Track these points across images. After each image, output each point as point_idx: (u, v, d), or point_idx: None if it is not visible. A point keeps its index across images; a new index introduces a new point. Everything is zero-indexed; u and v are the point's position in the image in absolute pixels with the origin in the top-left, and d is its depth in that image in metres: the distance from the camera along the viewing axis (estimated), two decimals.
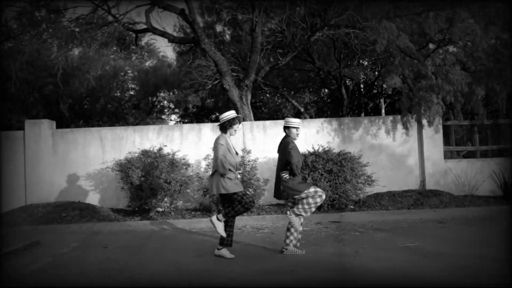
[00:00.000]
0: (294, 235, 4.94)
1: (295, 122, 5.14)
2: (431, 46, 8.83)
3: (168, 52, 38.35)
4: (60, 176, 8.65)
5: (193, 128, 9.06)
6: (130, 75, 16.25)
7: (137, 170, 7.67)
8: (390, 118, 9.16)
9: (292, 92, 15.15)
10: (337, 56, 11.64)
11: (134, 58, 16.51)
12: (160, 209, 8.10)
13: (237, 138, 8.58)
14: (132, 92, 16.71)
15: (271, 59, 11.22)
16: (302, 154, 6.94)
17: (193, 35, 9.62)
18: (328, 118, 9.29)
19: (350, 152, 8.01)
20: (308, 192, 4.86)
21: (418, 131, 9.01)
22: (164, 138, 8.81)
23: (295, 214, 4.91)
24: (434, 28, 7.97)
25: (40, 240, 6.09)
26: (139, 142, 8.75)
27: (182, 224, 7.26)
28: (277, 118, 15.64)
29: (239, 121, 4.98)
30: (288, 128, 5.12)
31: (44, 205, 8.13)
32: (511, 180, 8.54)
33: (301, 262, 4.57)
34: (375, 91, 15.04)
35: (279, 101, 16.61)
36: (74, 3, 9.15)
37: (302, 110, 13.95)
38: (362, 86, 15.18)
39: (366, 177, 7.95)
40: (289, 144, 4.97)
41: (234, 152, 4.95)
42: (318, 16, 9.36)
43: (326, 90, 16.19)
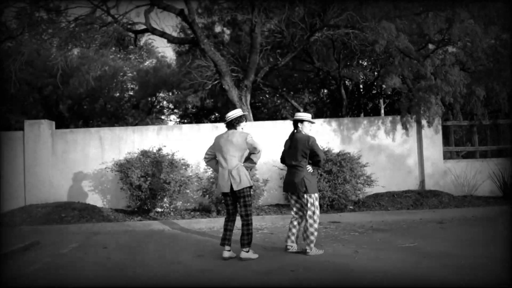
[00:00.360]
0: (314, 234, 4.89)
1: (309, 116, 5.04)
2: (430, 46, 8.83)
3: (168, 53, 38.37)
4: (60, 176, 8.65)
5: (192, 128, 9.06)
6: (129, 76, 16.26)
7: (136, 170, 7.66)
8: (390, 118, 9.16)
9: (292, 93, 15.15)
10: (336, 57, 11.64)
11: (133, 58, 16.50)
12: (159, 209, 8.09)
13: None
14: (131, 93, 16.72)
15: (271, 59, 11.23)
16: None
17: (192, 35, 9.63)
18: (327, 119, 9.29)
19: (349, 153, 8.02)
20: (313, 203, 4.85)
21: (417, 132, 9.01)
22: (164, 138, 8.81)
23: (308, 214, 4.85)
24: (433, 29, 7.98)
25: (39, 241, 6.08)
26: (138, 142, 8.74)
27: (182, 224, 7.26)
28: (276, 118, 15.65)
29: (245, 119, 5.02)
30: (301, 121, 4.98)
31: (43, 205, 8.12)
32: (510, 180, 8.55)
33: (301, 262, 4.57)
34: (374, 92, 15.05)
35: (278, 101, 16.62)
36: (73, 4, 9.15)
37: (302, 110, 13.96)
38: (361, 86, 15.18)
39: (365, 177, 7.95)
40: (310, 138, 4.86)
41: None
42: (318, 17, 9.36)
43: (325, 91, 16.21)
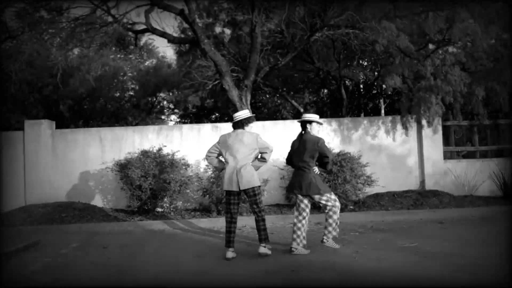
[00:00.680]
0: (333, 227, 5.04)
1: (317, 117, 5.08)
2: (430, 46, 8.82)
3: (168, 53, 38.39)
4: (60, 176, 8.65)
5: (192, 128, 9.06)
6: (129, 75, 16.24)
7: (136, 170, 7.66)
8: (390, 118, 9.16)
9: (292, 93, 15.13)
10: (336, 57, 11.62)
11: (134, 58, 16.49)
12: (159, 209, 8.10)
13: None
14: (131, 92, 16.70)
15: (271, 59, 11.19)
16: None
17: (192, 35, 9.61)
18: (327, 119, 9.30)
19: (349, 153, 8.02)
20: (330, 197, 4.96)
21: (417, 132, 9.01)
22: (164, 138, 8.81)
23: (330, 210, 4.97)
24: (433, 29, 7.96)
25: (39, 241, 6.09)
26: (138, 142, 8.74)
27: (182, 224, 7.26)
28: (276, 118, 15.65)
29: (254, 120, 5.10)
30: (310, 122, 5.03)
31: (43, 205, 8.13)
32: (510, 180, 8.54)
33: (301, 262, 4.57)
34: (374, 92, 15.02)
35: (278, 101, 16.59)
36: (73, 3, 9.13)
37: (302, 110, 13.95)
38: (361, 86, 15.16)
39: (365, 177, 7.95)
40: (319, 140, 4.93)
41: None
42: (318, 16, 9.34)
43: (325, 91, 16.18)
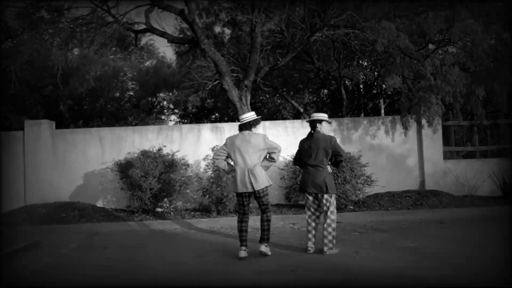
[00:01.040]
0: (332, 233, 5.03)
1: (326, 116, 5.13)
2: (430, 46, 8.83)
3: (168, 53, 38.28)
4: (60, 176, 8.65)
5: (192, 128, 9.06)
6: (129, 76, 16.23)
7: (136, 170, 7.66)
8: (390, 118, 9.17)
9: (292, 93, 15.12)
10: (336, 57, 11.62)
11: (134, 58, 16.48)
12: (159, 209, 8.10)
13: None
14: (131, 93, 16.70)
15: (271, 59, 11.19)
16: None
17: (192, 35, 9.61)
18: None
19: (349, 153, 8.01)
20: (334, 201, 5.06)
21: (417, 132, 9.02)
22: (164, 138, 8.81)
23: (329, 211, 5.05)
24: (433, 29, 7.96)
25: (40, 241, 6.08)
26: (138, 142, 8.74)
27: (182, 224, 7.26)
28: (276, 118, 15.64)
29: (260, 122, 5.14)
30: (320, 122, 5.06)
31: (43, 205, 8.13)
32: (510, 180, 8.54)
33: (301, 262, 4.58)
34: (374, 92, 15.02)
35: (278, 101, 16.58)
36: (74, 4, 9.13)
37: (302, 110, 13.95)
38: (361, 86, 15.15)
39: (365, 177, 7.95)
40: (332, 138, 4.99)
41: None
42: (318, 17, 9.34)
43: (325, 91, 16.17)
